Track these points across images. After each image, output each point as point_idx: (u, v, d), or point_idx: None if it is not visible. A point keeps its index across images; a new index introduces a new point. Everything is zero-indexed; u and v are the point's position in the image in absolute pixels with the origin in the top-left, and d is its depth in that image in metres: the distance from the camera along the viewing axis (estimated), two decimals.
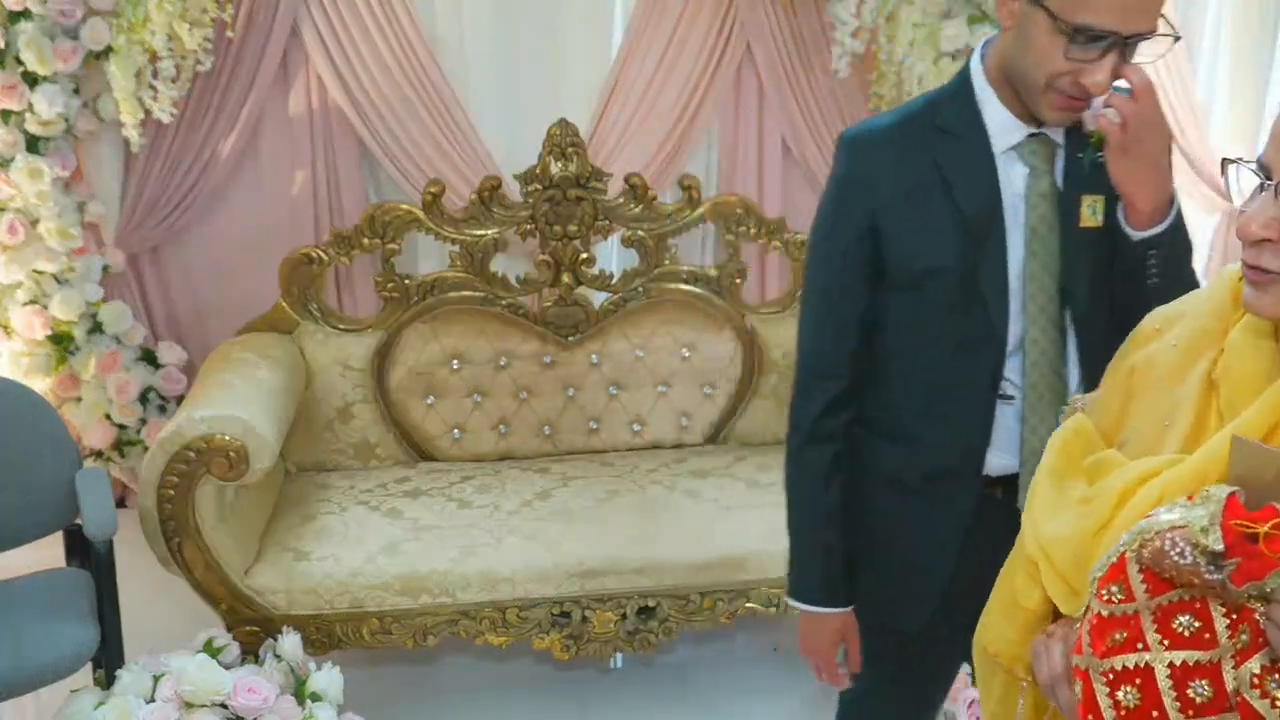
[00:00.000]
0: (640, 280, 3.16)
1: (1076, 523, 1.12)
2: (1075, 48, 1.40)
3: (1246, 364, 1.08)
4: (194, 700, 2.18)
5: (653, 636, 2.67)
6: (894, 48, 3.31)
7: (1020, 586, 1.20)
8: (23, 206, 3.09)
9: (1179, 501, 1.00)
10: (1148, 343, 1.21)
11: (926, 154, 1.57)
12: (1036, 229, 1.56)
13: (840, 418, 1.66)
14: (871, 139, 1.62)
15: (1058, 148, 1.57)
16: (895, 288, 1.61)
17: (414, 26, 3.27)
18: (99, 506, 2.35)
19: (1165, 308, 1.25)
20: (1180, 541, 0.96)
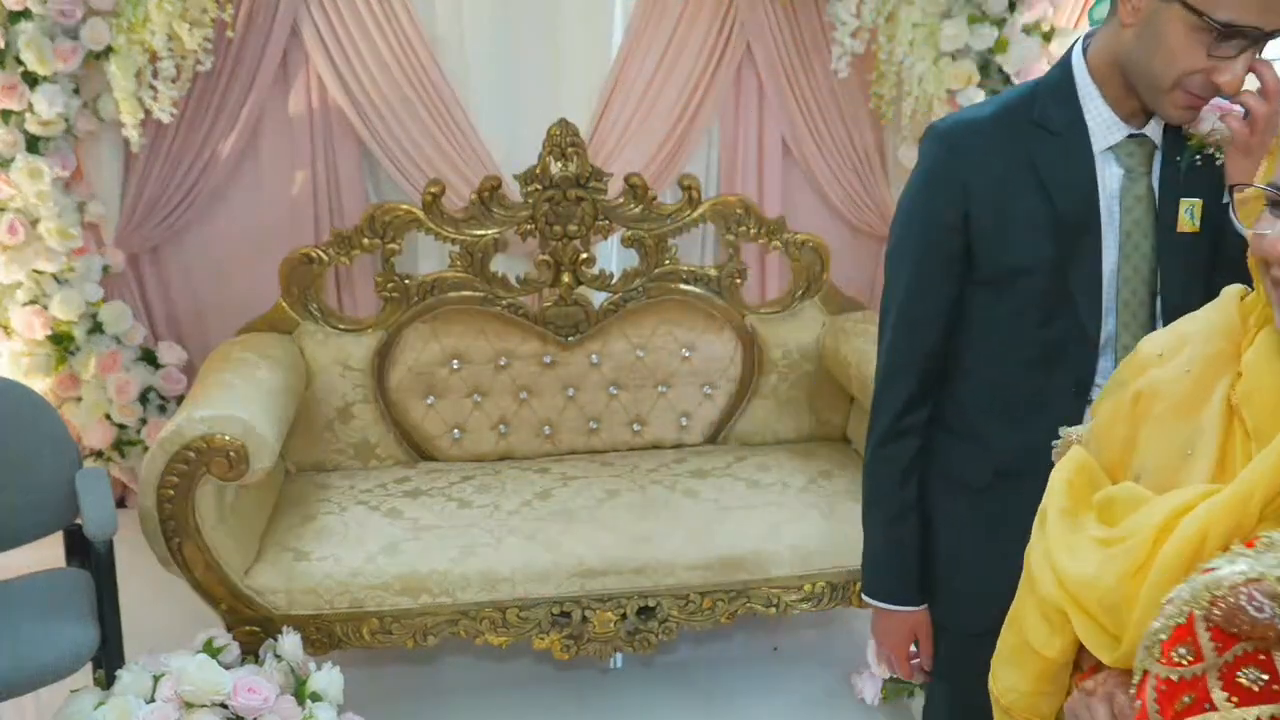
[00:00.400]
0: (640, 280, 3.16)
1: (1106, 564, 1.08)
2: (1216, 44, 1.36)
3: (1269, 388, 1.06)
4: (194, 700, 2.18)
5: (653, 636, 2.67)
6: (894, 48, 3.31)
7: (1036, 632, 1.16)
8: (23, 206, 3.09)
9: (1238, 550, 0.96)
10: (1148, 369, 1.18)
11: (1022, 149, 1.53)
12: (1131, 233, 1.52)
13: (920, 413, 1.64)
14: (964, 131, 1.57)
15: (1156, 149, 1.53)
16: (983, 285, 1.57)
17: (414, 26, 3.27)
18: (99, 506, 2.35)
19: (1163, 332, 1.22)
20: (1259, 596, 0.91)
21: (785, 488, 2.87)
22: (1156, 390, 1.15)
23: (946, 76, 3.30)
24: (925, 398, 1.64)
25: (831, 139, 3.58)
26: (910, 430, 1.64)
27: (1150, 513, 1.07)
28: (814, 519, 2.73)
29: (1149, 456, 1.15)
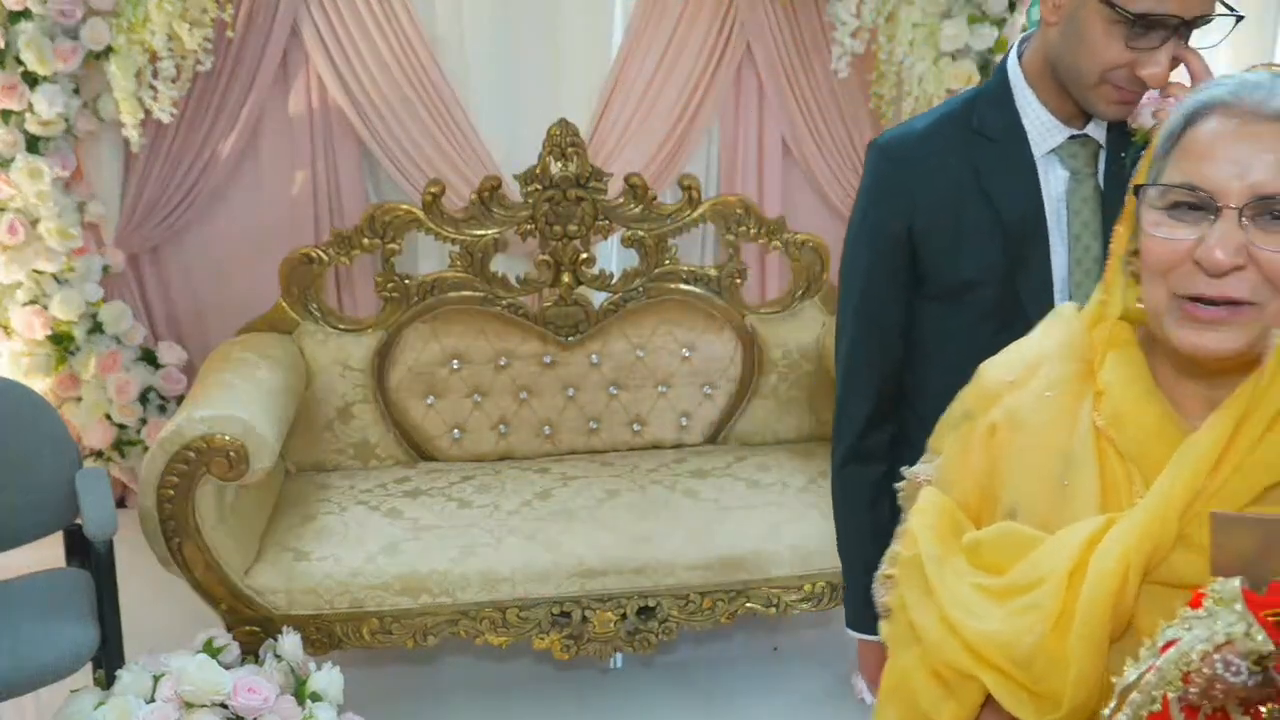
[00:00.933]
0: (640, 280, 3.16)
1: (1014, 620, 1.00)
2: (1135, 36, 1.34)
3: (1134, 407, 1.03)
4: (194, 700, 2.18)
5: (653, 636, 2.67)
6: (894, 48, 3.31)
7: (927, 695, 1.08)
8: (23, 206, 3.09)
9: (1188, 614, 0.90)
10: (1000, 397, 1.11)
11: (964, 159, 1.51)
12: (1080, 235, 1.50)
13: (883, 434, 1.61)
14: (906, 145, 1.55)
15: (1100, 149, 1.51)
16: (933, 299, 1.55)
17: (414, 26, 3.27)
18: (99, 506, 2.35)
19: (1004, 356, 1.16)
20: (1234, 659, 0.86)
21: (785, 488, 2.87)
22: (1017, 419, 1.09)
23: (946, 76, 3.30)
24: (885, 417, 1.61)
25: (831, 139, 3.58)
26: (874, 453, 1.61)
27: (1054, 555, 1.00)
28: (814, 519, 2.73)
29: (1020, 492, 1.08)
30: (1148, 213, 1.01)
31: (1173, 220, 0.99)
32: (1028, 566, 1.02)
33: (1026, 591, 1.01)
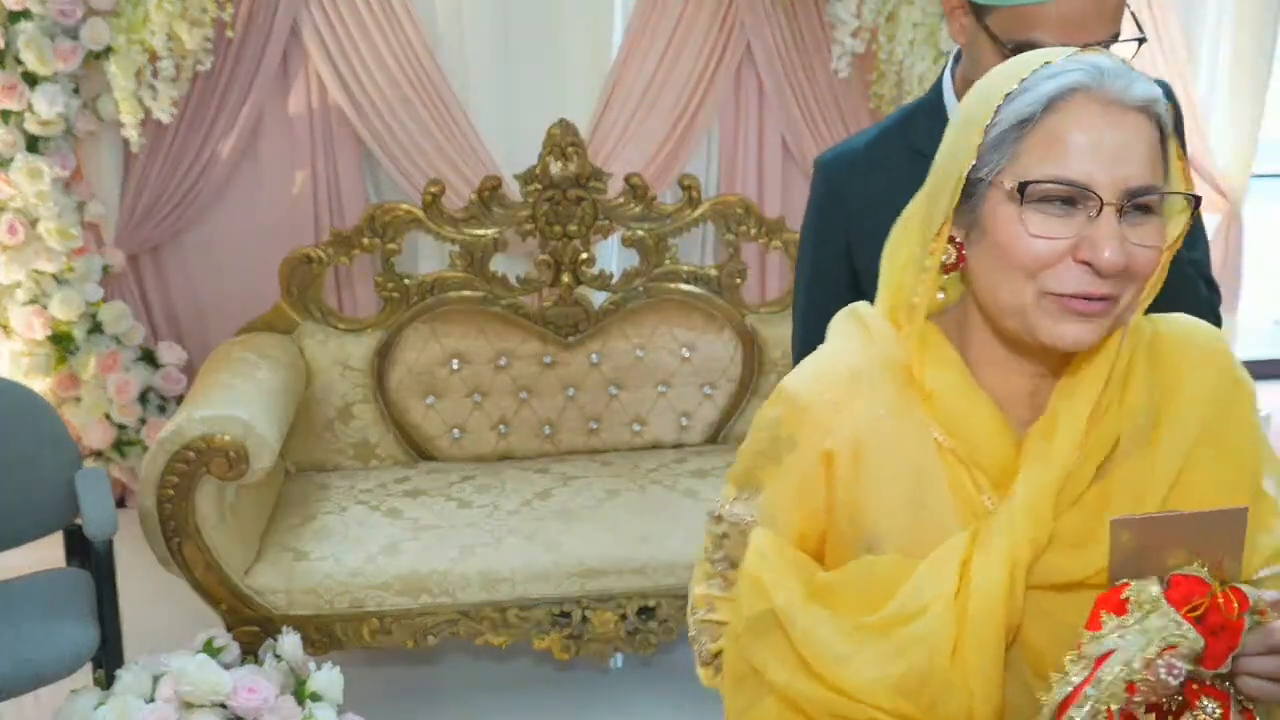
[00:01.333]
0: (640, 280, 3.16)
1: (901, 656, 0.96)
2: None
3: (967, 411, 1.01)
4: (194, 700, 2.18)
5: (653, 636, 2.67)
6: (894, 48, 3.31)
7: None
8: (23, 206, 3.09)
9: (1116, 622, 0.90)
10: (828, 422, 1.03)
11: (899, 176, 1.46)
12: None
13: None
14: (842, 164, 1.61)
15: None
16: None
17: (414, 26, 3.27)
18: (99, 506, 2.35)
19: (808, 373, 1.08)
20: (1176, 664, 0.87)
21: None
22: (857, 447, 1.02)
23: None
24: None
25: (831, 139, 3.58)
26: None
27: (933, 580, 0.97)
28: None
29: (878, 523, 1.02)
30: (1004, 207, 0.95)
31: (1044, 216, 0.94)
32: (906, 598, 0.98)
33: (908, 623, 0.97)
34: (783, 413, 1.08)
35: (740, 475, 1.13)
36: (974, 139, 0.96)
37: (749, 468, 1.11)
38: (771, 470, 1.09)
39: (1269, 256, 4.81)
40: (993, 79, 1.00)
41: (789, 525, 1.08)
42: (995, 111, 0.95)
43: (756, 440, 1.11)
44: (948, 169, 1.00)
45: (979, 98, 1.00)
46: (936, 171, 1.02)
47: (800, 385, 1.08)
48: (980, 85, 1.02)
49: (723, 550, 1.15)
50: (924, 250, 1.02)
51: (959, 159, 0.98)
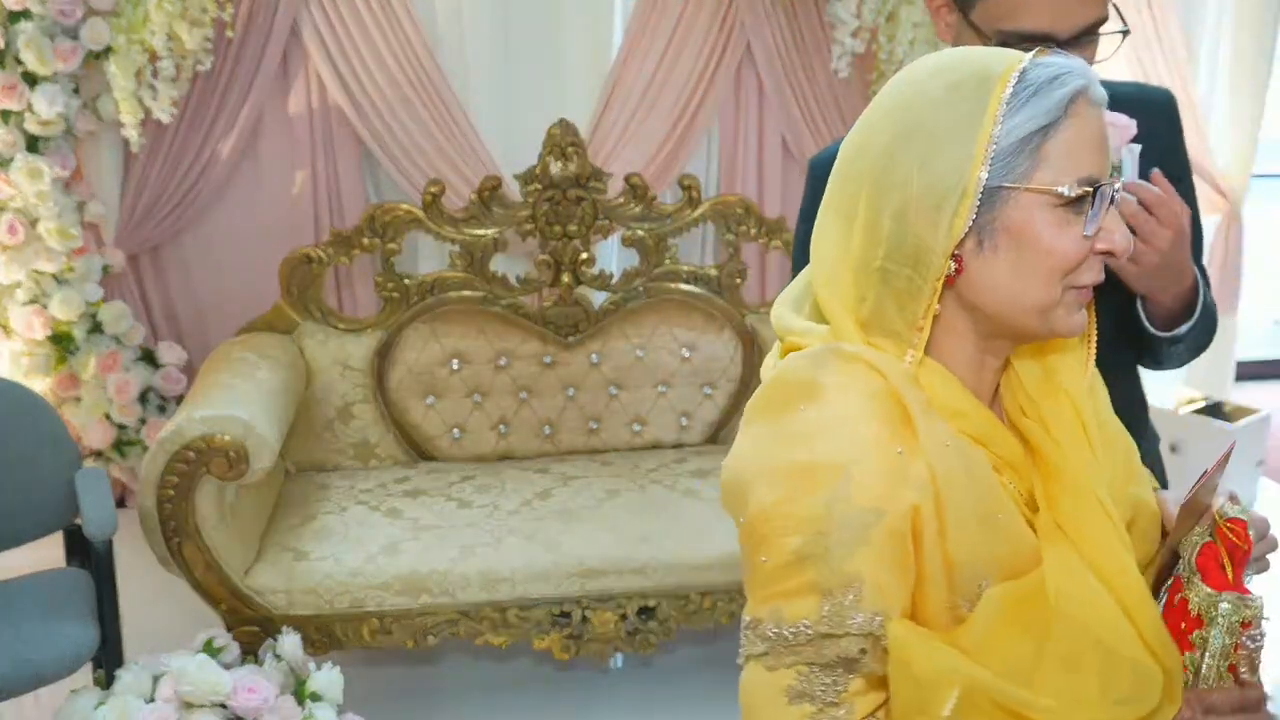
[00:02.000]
0: (640, 280, 3.16)
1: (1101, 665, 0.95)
2: None
3: (983, 418, 1.01)
4: (194, 700, 2.18)
5: (653, 636, 2.67)
6: (894, 48, 3.32)
7: None
8: (23, 206, 3.09)
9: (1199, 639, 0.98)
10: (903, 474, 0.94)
11: None
12: None
13: None
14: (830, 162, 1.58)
15: None
16: None
17: (414, 26, 3.27)
18: (99, 506, 2.35)
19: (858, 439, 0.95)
20: (1254, 632, 0.99)
21: None
22: (934, 484, 0.95)
23: None
24: None
25: (831, 139, 3.58)
26: None
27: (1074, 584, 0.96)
28: None
29: (976, 553, 0.97)
30: (1041, 212, 0.95)
31: (1074, 216, 0.96)
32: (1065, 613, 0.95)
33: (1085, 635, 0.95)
34: (846, 489, 0.93)
35: (817, 583, 0.94)
36: (973, 149, 0.94)
37: (832, 568, 0.93)
38: (864, 554, 0.93)
39: (1269, 256, 4.82)
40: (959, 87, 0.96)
41: (899, 604, 0.96)
42: (996, 121, 0.94)
43: (821, 537, 0.93)
44: (940, 181, 0.95)
45: (957, 106, 0.95)
46: (904, 185, 0.96)
47: (849, 450, 0.94)
48: (937, 94, 0.97)
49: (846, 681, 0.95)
50: (909, 265, 0.97)
51: (960, 170, 0.94)
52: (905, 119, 0.98)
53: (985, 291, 0.98)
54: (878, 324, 1.00)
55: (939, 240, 0.96)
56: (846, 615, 0.93)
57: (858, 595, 0.93)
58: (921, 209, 0.96)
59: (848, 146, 1.03)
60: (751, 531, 0.97)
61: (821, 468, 0.94)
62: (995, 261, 0.97)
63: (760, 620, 0.97)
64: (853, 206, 1.00)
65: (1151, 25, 3.62)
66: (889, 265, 0.98)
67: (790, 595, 0.95)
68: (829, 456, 0.94)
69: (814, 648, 0.94)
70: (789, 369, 1.01)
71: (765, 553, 0.96)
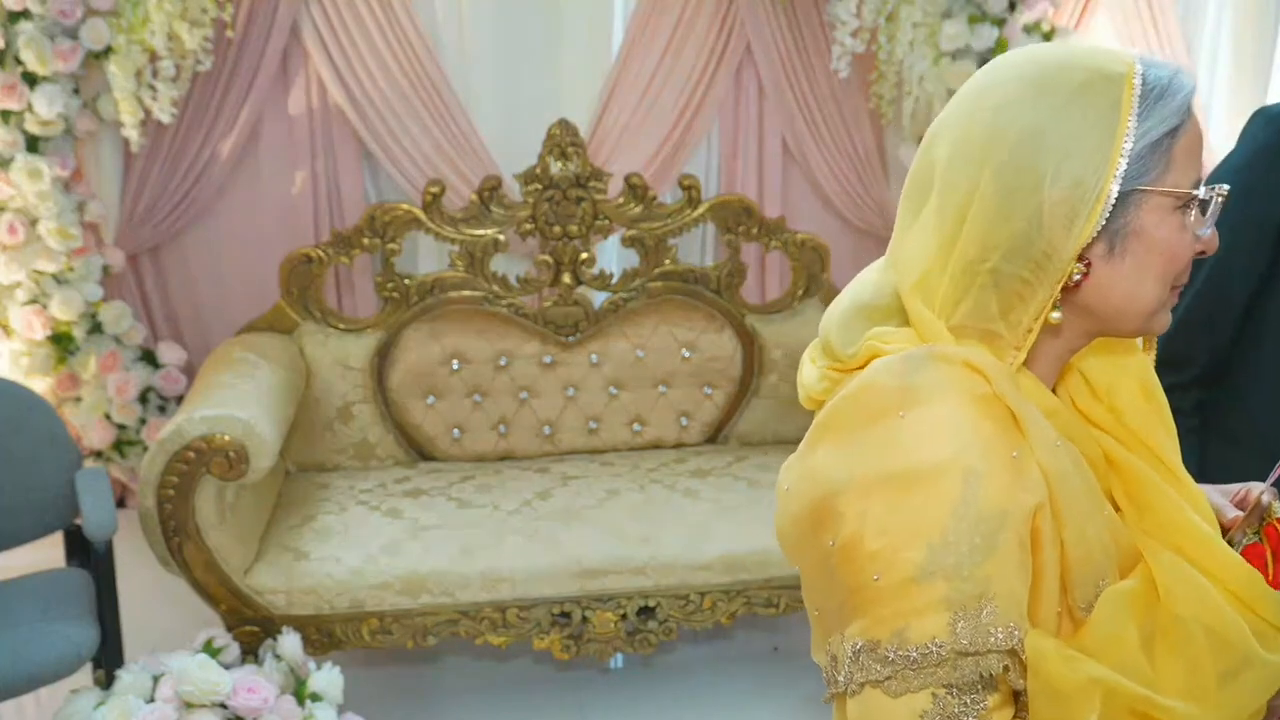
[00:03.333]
0: (640, 280, 3.16)
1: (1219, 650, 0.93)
2: None
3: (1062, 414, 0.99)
4: (194, 700, 2.18)
5: (653, 636, 2.67)
6: (894, 48, 3.32)
7: None
8: (23, 206, 3.09)
9: None
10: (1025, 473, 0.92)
11: None
12: None
13: (1190, 396, 1.48)
14: None
15: None
16: None
17: (414, 26, 3.27)
18: (99, 506, 2.35)
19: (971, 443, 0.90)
20: None
21: None
22: (1056, 489, 0.93)
23: (946, 76, 3.31)
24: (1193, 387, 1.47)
25: (831, 139, 3.58)
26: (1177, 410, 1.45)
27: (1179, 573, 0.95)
28: None
29: (1090, 551, 0.95)
30: (1170, 215, 0.95)
31: (1183, 218, 0.96)
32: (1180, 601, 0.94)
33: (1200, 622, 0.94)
34: (968, 495, 0.88)
35: (948, 598, 0.88)
36: (1109, 152, 0.92)
37: (963, 580, 0.88)
38: (994, 562, 0.88)
39: None
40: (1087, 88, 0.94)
41: (1027, 609, 0.91)
42: (1129, 123, 0.93)
43: (947, 548, 0.88)
44: (1075, 184, 0.92)
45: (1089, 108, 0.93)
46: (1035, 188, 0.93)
47: (963, 454, 0.90)
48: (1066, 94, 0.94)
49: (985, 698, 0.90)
50: (1029, 268, 0.94)
51: (1096, 172, 0.92)
52: (1033, 120, 0.94)
53: (1105, 295, 0.96)
54: (974, 327, 0.97)
55: (1068, 244, 0.93)
56: (985, 630, 0.88)
57: (993, 608, 0.88)
58: (1056, 213, 0.93)
59: (952, 147, 0.98)
60: (853, 550, 0.90)
61: (935, 474, 0.89)
62: (1121, 266, 0.95)
63: (879, 642, 0.90)
64: (963, 206, 0.96)
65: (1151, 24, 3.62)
66: (1004, 267, 0.94)
67: (916, 613, 0.88)
68: (942, 462, 0.89)
69: (949, 667, 0.88)
70: (879, 374, 0.96)
71: (876, 570, 0.89)
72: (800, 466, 0.98)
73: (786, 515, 0.98)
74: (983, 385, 0.93)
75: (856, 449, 0.94)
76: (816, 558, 0.95)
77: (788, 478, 0.99)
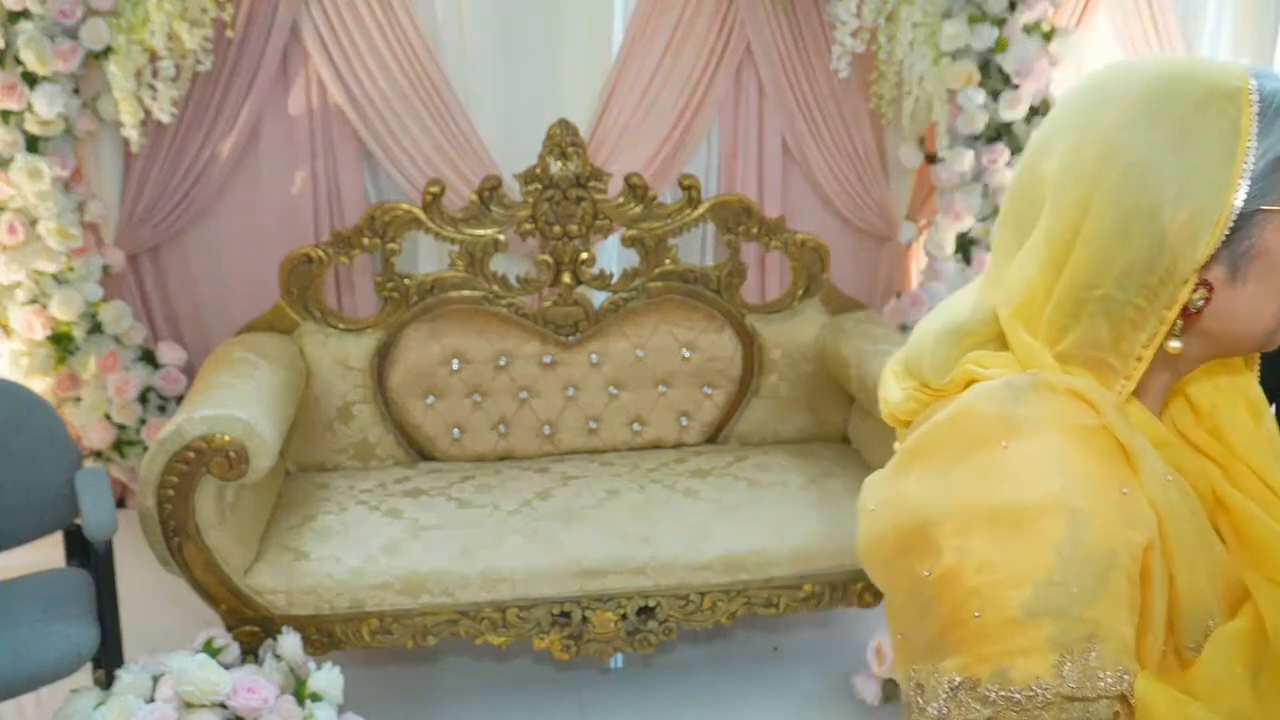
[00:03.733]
0: (640, 280, 3.16)
1: None
2: None
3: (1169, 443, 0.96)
4: (194, 700, 2.18)
5: (653, 636, 2.67)
6: (894, 48, 3.32)
7: None
8: (23, 206, 3.09)
9: None
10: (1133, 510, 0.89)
11: None
12: None
13: None
14: None
15: None
16: None
17: (414, 26, 3.27)
18: (99, 506, 2.35)
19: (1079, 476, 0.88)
20: None
21: (785, 488, 2.87)
22: (1167, 526, 0.90)
23: (946, 76, 3.31)
24: None
25: (831, 139, 3.58)
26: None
27: None
28: (814, 519, 2.73)
29: (1199, 588, 0.91)
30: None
31: None
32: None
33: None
34: (1078, 532, 0.85)
35: (1054, 639, 0.84)
36: (1230, 172, 0.89)
37: (1070, 621, 0.84)
38: (1104, 603, 0.85)
39: None
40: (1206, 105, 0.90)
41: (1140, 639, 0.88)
42: (1249, 141, 0.89)
43: (1056, 587, 0.85)
44: (1197, 207, 0.89)
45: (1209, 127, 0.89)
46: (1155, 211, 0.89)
47: (1071, 489, 0.87)
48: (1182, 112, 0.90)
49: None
50: (1143, 294, 0.90)
51: (1219, 193, 0.88)
52: (1150, 141, 0.90)
53: (1227, 320, 0.92)
54: (1081, 355, 0.93)
55: (1186, 269, 0.89)
56: (1093, 674, 0.84)
57: (1101, 650, 0.84)
58: (1179, 237, 0.89)
59: (1062, 167, 0.94)
60: (952, 584, 0.88)
61: (1039, 512, 0.86)
62: (1244, 289, 0.91)
63: (979, 680, 0.87)
64: (1073, 229, 0.92)
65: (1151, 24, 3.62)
66: (1117, 294, 0.91)
67: (1021, 653, 0.85)
68: (1046, 499, 0.86)
69: (1054, 711, 0.85)
70: (979, 400, 0.93)
71: (978, 606, 0.86)
72: (888, 490, 0.95)
73: (870, 536, 0.96)
74: (1090, 416, 0.90)
75: (953, 479, 0.91)
76: (907, 584, 0.92)
77: (872, 497, 0.96)
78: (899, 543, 0.93)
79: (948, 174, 3.45)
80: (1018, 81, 3.33)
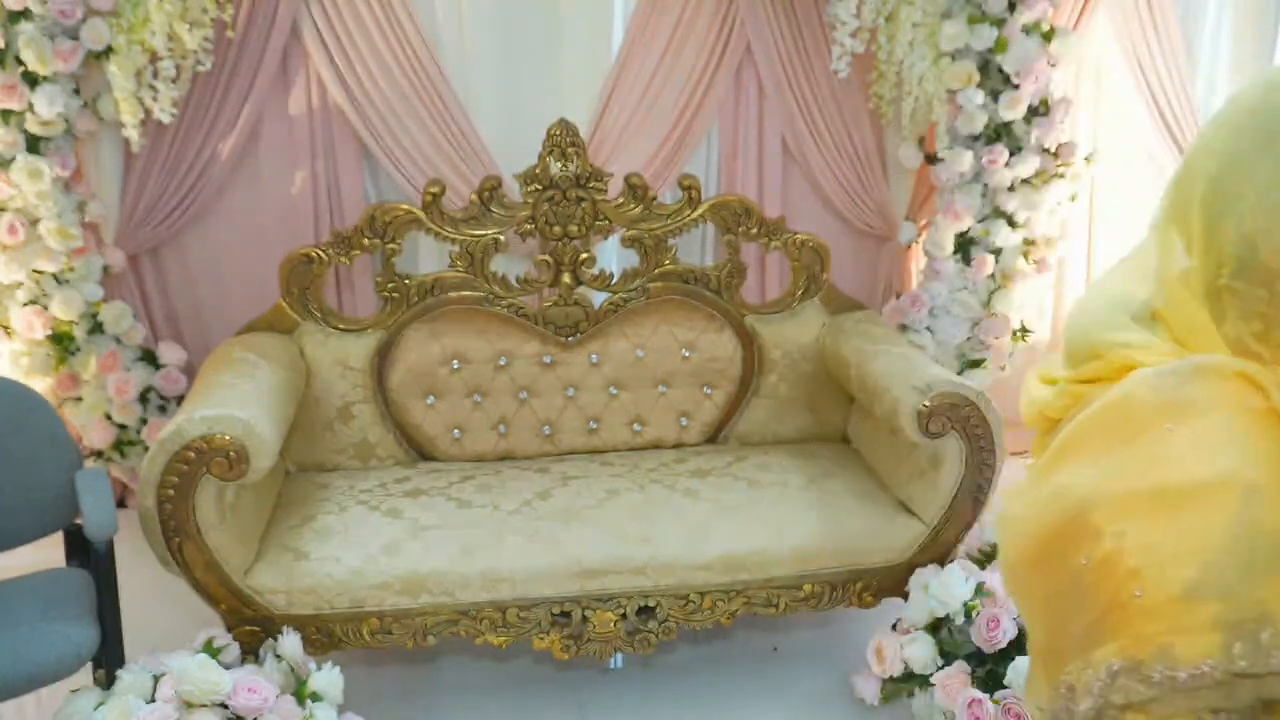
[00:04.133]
0: (640, 280, 3.16)
1: None
2: None
3: None
4: (194, 700, 2.18)
5: (653, 636, 2.67)
6: (894, 48, 3.32)
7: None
8: (23, 206, 3.09)
9: None
10: None
11: None
12: None
13: None
14: None
15: None
16: None
17: (414, 26, 3.27)
18: (99, 506, 2.35)
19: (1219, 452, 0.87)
20: None
21: (785, 488, 2.87)
22: None
23: (946, 76, 3.31)
24: None
25: (831, 139, 3.58)
26: None
27: None
28: (814, 519, 2.73)
29: None
30: None
31: None
32: None
33: None
34: (1250, 512, 0.84)
35: (1222, 618, 0.83)
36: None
37: (1240, 600, 0.83)
38: (1274, 583, 0.84)
39: None
40: None
41: None
42: None
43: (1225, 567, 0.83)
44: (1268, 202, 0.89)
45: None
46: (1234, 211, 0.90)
47: (1242, 470, 0.86)
48: None
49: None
50: (1260, 287, 0.89)
51: None
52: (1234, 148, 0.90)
53: None
54: (1238, 344, 0.92)
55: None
56: (1266, 652, 0.82)
57: (1274, 629, 0.83)
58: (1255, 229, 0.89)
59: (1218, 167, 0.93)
60: (1111, 566, 0.87)
61: (1209, 489, 0.85)
62: None
63: (1141, 662, 0.85)
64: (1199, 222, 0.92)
65: (1151, 24, 3.62)
66: (1236, 284, 0.91)
67: (1185, 631, 0.84)
68: (1217, 477, 0.85)
69: (1223, 691, 0.83)
70: (1139, 387, 0.92)
71: (1138, 586, 0.85)
72: (1036, 491, 0.93)
73: (1018, 543, 0.94)
74: (1259, 399, 0.88)
75: (1114, 464, 0.89)
76: (1060, 581, 0.90)
77: (1016, 506, 0.95)
78: (1054, 536, 0.90)
79: (947, 174, 3.45)
80: (1017, 81, 3.33)
